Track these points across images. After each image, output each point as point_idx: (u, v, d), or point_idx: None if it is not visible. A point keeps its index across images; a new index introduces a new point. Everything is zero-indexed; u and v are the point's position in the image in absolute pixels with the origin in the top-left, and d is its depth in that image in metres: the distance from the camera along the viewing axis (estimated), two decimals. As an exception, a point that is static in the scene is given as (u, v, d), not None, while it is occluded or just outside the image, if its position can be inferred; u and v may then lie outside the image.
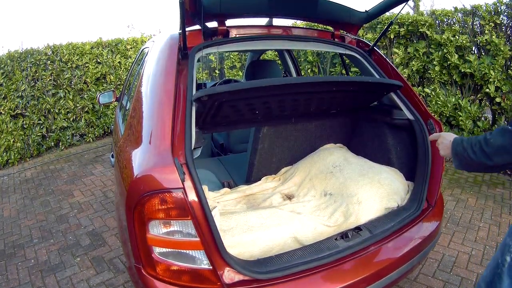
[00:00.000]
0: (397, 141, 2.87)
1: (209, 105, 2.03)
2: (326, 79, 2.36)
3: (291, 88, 2.18)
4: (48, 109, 7.83)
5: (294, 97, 2.39)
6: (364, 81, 2.41)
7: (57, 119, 7.93)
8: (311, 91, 2.34)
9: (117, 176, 2.29)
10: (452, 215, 4.24)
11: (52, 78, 7.83)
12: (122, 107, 3.83)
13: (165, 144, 1.75)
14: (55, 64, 7.84)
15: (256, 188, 2.76)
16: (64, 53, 7.92)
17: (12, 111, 7.44)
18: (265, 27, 2.89)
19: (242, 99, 2.15)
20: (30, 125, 7.64)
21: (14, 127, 7.37)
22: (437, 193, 2.48)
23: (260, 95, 2.14)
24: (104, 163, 6.77)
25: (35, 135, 7.63)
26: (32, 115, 7.64)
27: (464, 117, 5.61)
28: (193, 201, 1.65)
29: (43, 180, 6.16)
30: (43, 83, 7.73)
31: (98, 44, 8.56)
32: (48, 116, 7.89)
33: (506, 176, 5.41)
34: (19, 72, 7.51)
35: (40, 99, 7.73)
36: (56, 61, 7.86)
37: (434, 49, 5.93)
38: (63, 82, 7.92)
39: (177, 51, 2.19)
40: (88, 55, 8.25)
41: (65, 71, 7.95)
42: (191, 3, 1.96)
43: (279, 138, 2.87)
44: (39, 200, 5.26)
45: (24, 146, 7.52)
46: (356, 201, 2.36)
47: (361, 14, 2.93)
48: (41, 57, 7.77)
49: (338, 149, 3.04)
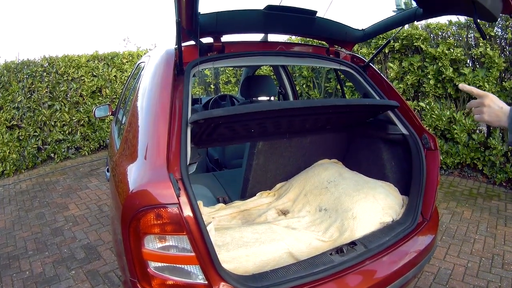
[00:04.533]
0: (392, 156, 2.88)
1: (205, 127, 2.05)
2: (323, 103, 2.37)
3: (287, 112, 2.20)
4: (44, 121, 7.84)
5: (290, 119, 2.41)
6: (361, 103, 2.44)
7: (52, 132, 7.93)
8: (307, 113, 2.36)
9: (112, 190, 2.29)
10: (448, 228, 4.25)
11: (48, 90, 7.85)
12: (118, 121, 3.84)
13: (161, 160, 1.75)
14: (51, 76, 7.86)
15: (251, 203, 2.76)
16: (60, 65, 7.94)
17: (8, 122, 7.44)
18: (260, 43, 2.91)
19: (238, 121, 2.17)
20: (26, 136, 7.64)
21: (10, 138, 7.37)
22: (432, 206, 2.48)
23: (256, 117, 2.16)
24: (99, 177, 6.76)
25: (30, 147, 7.63)
26: (28, 127, 7.64)
27: (459, 130, 5.64)
28: (188, 217, 1.65)
29: (38, 192, 6.15)
30: (39, 95, 7.75)
31: (94, 57, 8.59)
32: (44, 128, 7.89)
33: (502, 188, 5.44)
34: (16, 83, 7.53)
35: (36, 111, 7.74)
36: (52, 73, 7.88)
37: (428, 63, 5.96)
38: (59, 94, 7.93)
39: (173, 67, 2.21)
40: (84, 68, 8.27)
41: (61, 83, 7.97)
42: (187, 22, 1.98)
43: (274, 153, 2.88)
44: (34, 212, 5.24)
45: (20, 158, 7.52)
46: (351, 216, 2.37)
47: (357, 32, 2.96)
48: (37, 68, 7.79)
49: (333, 164, 3.05)
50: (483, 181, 5.76)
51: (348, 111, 2.55)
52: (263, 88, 3.58)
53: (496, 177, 5.52)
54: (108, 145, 4.29)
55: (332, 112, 2.45)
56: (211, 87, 9.96)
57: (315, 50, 3.04)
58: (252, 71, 5.27)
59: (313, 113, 2.39)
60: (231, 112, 1.95)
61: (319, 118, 2.58)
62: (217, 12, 2.30)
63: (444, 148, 5.92)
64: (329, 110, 2.38)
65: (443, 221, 4.43)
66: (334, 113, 2.51)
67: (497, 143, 5.34)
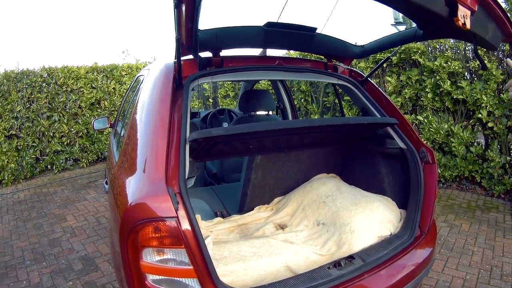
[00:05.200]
0: (390, 170, 2.89)
1: (204, 144, 2.06)
2: (322, 122, 2.39)
3: (286, 131, 2.22)
4: (43, 132, 7.86)
5: (288, 136, 2.43)
6: (360, 122, 2.45)
7: (51, 143, 7.95)
8: (306, 132, 2.37)
9: (111, 202, 2.29)
10: (446, 241, 4.25)
11: (47, 101, 7.89)
12: (117, 133, 3.85)
13: (159, 173, 1.76)
14: (50, 87, 7.90)
15: (249, 217, 2.77)
16: (59, 76, 7.98)
17: (7, 132, 7.47)
18: (259, 57, 2.92)
19: (236, 139, 2.18)
20: (24, 146, 7.66)
21: (8, 147, 7.38)
22: (430, 220, 2.49)
23: (254, 136, 2.17)
24: (97, 189, 6.76)
25: (29, 157, 7.64)
26: (26, 137, 7.66)
27: (457, 143, 5.66)
28: (187, 230, 1.66)
29: (36, 202, 6.15)
30: (38, 105, 7.78)
31: (93, 69, 8.63)
32: (42, 139, 7.91)
33: (500, 200, 5.44)
34: (15, 92, 7.57)
35: (34, 121, 7.76)
36: (52, 84, 7.92)
37: (426, 76, 5.99)
38: (58, 105, 7.96)
39: (172, 80, 2.22)
40: (83, 80, 8.31)
41: (60, 94, 8.00)
42: (187, 39, 1.99)
43: (272, 168, 2.88)
44: (32, 222, 5.24)
45: (18, 168, 7.53)
46: (349, 230, 2.37)
47: (357, 48, 2.98)
48: (37, 79, 7.82)
49: (331, 179, 3.06)
50: (481, 194, 5.76)
51: (346, 129, 2.57)
52: (261, 103, 3.60)
53: (494, 189, 5.53)
54: (107, 157, 4.30)
55: (331, 130, 2.46)
56: (210, 101, 9.99)
57: (313, 64, 3.06)
58: (251, 86, 5.29)
59: (311, 131, 2.41)
60: (230, 132, 1.96)
61: (317, 135, 2.59)
62: (217, 29, 2.33)
63: (442, 161, 5.93)
64: (327, 128, 2.39)
65: (441, 234, 4.43)
66: (333, 131, 2.52)
67: (495, 155, 5.35)
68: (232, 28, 2.41)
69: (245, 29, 2.46)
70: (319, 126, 2.32)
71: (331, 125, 2.33)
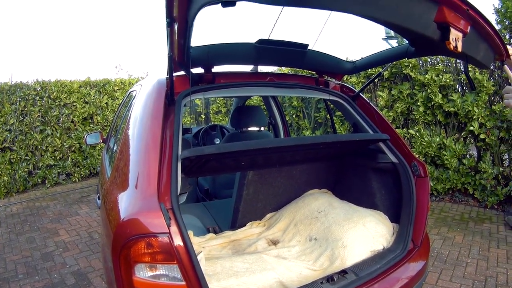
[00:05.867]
0: (382, 184, 2.90)
1: (196, 161, 2.06)
2: (314, 140, 2.40)
3: (279, 149, 2.23)
4: (36, 145, 7.85)
5: (281, 154, 2.44)
6: (352, 139, 2.47)
7: (44, 156, 7.94)
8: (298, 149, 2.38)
9: (103, 218, 2.29)
10: (439, 253, 4.26)
11: (40, 115, 7.89)
12: (109, 149, 3.85)
13: (151, 189, 1.77)
14: (43, 100, 7.91)
15: (241, 233, 2.76)
16: (52, 90, 8.00)
17: (0, 144, 7.47)
18: (250, 74, 2.94)
19: (229, 157, 2.19)
20: (17, 159, 7.65)
21: (1, 160, 7.40)
22: (422, 233, 2.50)
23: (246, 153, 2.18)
24: (90, 204, 6.75)
25: (22, 171, 7.63)
26: (19, 150, 7.66)
27: (449, 156, 5.69)
28: (179, 246, 1.66)
29: (29, 216, 6.14)
30: (31, 119, 7.78)
31: (86, 83, 8.66)
32: (35, 153, 7.90)
33: (493, 211, 5.47)
34: (8, 105, 7.58)
35: (28, 135, 7.76)
36: (45, 97, 7.93)
37: (418, 90, 6.04)
38: (51, 119, 7.96)
39: (164, 96, 2.23)
40: (76, 94, 8.33)
41: (53, 108, 8.01)
42: (179, 56, 2.01)
43: (264, 184, 2.89)
44: (25, 236, 5.23)
45: (11, 181, 7.50)
46: (342, 245, 2.37)
47: (348, 64, 3.00)
48: (30, 92, 7.84)
49: (323, 194, 3.06)
50: (474, 205, 5.79)
51: (338, 146, 2.58)
52: (253, 119, 3.61)
53: (487, 201, 5.55)
54: (99, 172, 4.29)
55: (323, 147, 2.47)
56: (202, 116, 10.02)
57: (305, 80, 3.08)
58: (242, 102, 5.31)
59: (303, 148, 2.42)
60: (222, 150, 1.97)
61: (309, 152, 2.60)
62: (209, 45, 2.34)
63: (435, 174, 5.95)
64: (319, 145, 2.41)
65: (435, 246, 4.44)
66: (324, 147, 2.53)
67: (488, 167, 5.38)
68: (224, 45, 2.43)
69: (237, 46, 2.47)
70: (312, 144, 2.34)
71: (324, 142, 2.34)
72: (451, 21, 1.36)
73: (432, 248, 4.36)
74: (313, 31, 2.82)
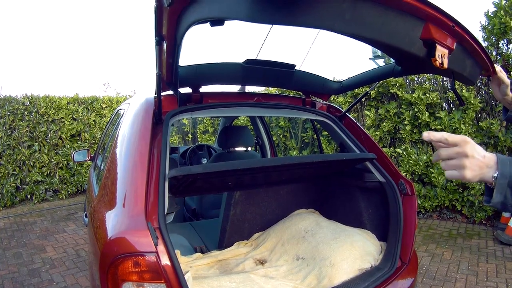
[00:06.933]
0: (369, 203, 2.91)
1: (183, 181, 2.07)
2: (301, 160, 2.42)
3: (266, 169, 2.25)
4: (23, 160, 7.82)
5: (267, 174, 2.45)
6: (339, 159, 2.49)
7: (31, 172, 7.90)
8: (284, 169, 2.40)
9: (90, 236, 2.28)
10: (428, 270, 4.28)
11: (28, 130, 7.87)
12: (96, 167, 3.84)
13: (139, 208, 1.77)
14: (32, 115, 7.89)
15: (228, 253, 2.75)
16: (41, 105, 8.00)
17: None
18: (238, 94, 2.96)
19: (215, 176, 2.20)
20: (5, 174, 7.62)
21: (-11, 174, 7.31)
22: (410, 250, 2.50)
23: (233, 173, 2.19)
24: (77, 221, 6.72)
25: (9, 185, 7.59)
26: (7, 164, 7.63)
27: (437, 173, 5.75)
28: (166, 265, 1.66)
29: (16, 232, 6.12)
30: (19, 133, 7.76)
31: (74, 100, 8.67)
32: (23, 168, 7.86)
33: (482, 226, 5.51)
34: (-3, 119, 7.51)
35: (15, 149, 7.74)
36: (33, 112, 7.92)
37: (404, 109, 6.12)
38: (38, 135, 7.94)
39: (152, 115, 2.24)
40: (64, 110, 8.34)
41: (41, 123, 8.00)
42: (167, 75, 2.02)
43: (251, 204, 2.90)
44: (12, 251, 5.19)
45: (-2, 195, 7.44)
46: (329, 264, 2.37)
47: (335, 84, 3.03)
48: (19, 106, 7.83)
49: (310, 214, 3.07)
50: (462, 221, 5.83)
51: (325, 165, 2.60)
52: (240, 139, 3.62)
53: (475, 216, 5.60)
54: (86, 190, 4.28)
55: (309, 166, 2.49)
56: (189, 136, 10.04)
57: (292, 101, 3.10)
58: (230, 121, 5.33)
59: (290, 168, 2.43)
60: (209, 169, 1.98)
61: (296, 171, 2.62)
62: (197, 65, 2.36)
63: (422, 192, 6.00)
64: (306, 165, 2.42)
65: (423, 263, 4.46)
66: (311, 168, 2.55)
67: (475, 183, 5.41)
68: (211, 65, 2.45)
69: (224, 65, 2.49)
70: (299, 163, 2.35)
71: (310, 162, 2.36)
72: (437, 38, 1.38)
73: (421, 265, 4.38)
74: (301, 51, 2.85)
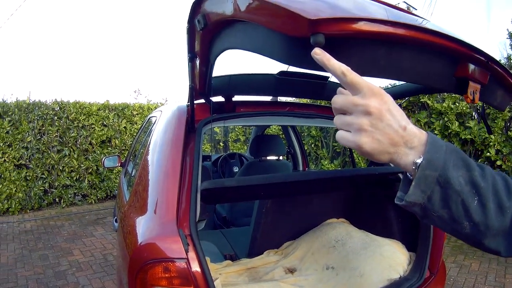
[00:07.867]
0: (399, 213, 2.89)
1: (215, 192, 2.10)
2: (334, 174, 2.42)
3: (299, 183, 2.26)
4: (52, 164, 7.95)
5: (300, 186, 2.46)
6: (371, 173, 2.49)
7: (60, 176, 8.03)
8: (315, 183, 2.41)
9: (120, 241, 2.32)
10: (456, 281, 4.21)
11: (58, 135, 8.01)
12: (127, 173, 3.89)
13: (170, 215, 1.80)
14: (61, 121, 8.02)
15: (258, 261, 2.75)
16: (71, 111, 8.12)
17: (16, 161, 7.59)
18: (270, 103, 2.97)
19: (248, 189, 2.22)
20: (33, 177, 7.75)
21: (17, 176, 7.50)
22: (439, 261, 2.48)
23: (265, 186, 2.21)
24: (105, 226, 6.77)
25: (37, 188, 7.73)
26: (36, 168, 7.77)
27: (465, 183, 5.65)
28: (196, 272, 1.67)
29: (43, 234, 6.20)
30: (49, 138, 7.90)
31: (105, 106, 8.75)
32: (52, 172, 7.99)
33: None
34: (26, 123, 7.70)
35: (45, 154, 7.88)
36: (63, 118, 8.05)
37: (435, 118, 6.06)
38: (68, 140, 8.07)
39: (185, 124, 2.27)
40: (95, 116, 8.43)
41: (71, 129, 8.12)
42: (200, 87, 2.04)
43: (282, 213, 2.89)
44: (38, 253, 5.26)
45: (26, 198, 7.62)
46: (358, 274, 2.36)
47: None
48: (49, 111, 7.97)
49: (340, 223, 3.06)
50: (490, 233, 5.72)
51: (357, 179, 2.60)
52: (272, 148, 3.64)
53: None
54: (117, 195, 4.33)
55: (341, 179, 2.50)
56: (221, 144, 10.08)
57: (324, 110, 3.10)
58: (262, 130, 5.35)
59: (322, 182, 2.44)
60: (242, 183, 2.00)
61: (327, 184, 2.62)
62: (230, 75, 2.38)
63: (451, 202, 5.90)
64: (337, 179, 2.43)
65: (451, 274, 4.39)
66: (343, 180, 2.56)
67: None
68: (244, 75, 2.46)
69: (257, 76, 2.50)
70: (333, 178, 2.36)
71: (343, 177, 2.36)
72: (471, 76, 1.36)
73: (448, 276, 4.31)
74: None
